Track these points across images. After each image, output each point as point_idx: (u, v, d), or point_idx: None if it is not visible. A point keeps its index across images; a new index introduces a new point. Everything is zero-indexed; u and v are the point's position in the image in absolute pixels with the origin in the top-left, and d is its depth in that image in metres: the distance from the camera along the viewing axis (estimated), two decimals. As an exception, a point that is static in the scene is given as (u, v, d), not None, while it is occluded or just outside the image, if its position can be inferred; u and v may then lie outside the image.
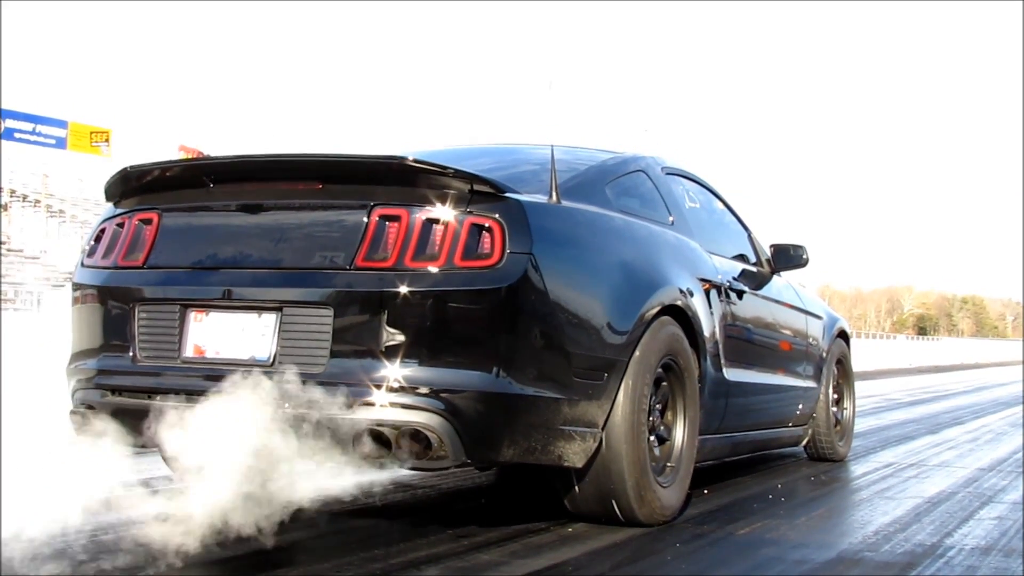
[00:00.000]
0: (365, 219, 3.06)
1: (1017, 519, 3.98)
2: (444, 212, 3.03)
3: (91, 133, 41.68)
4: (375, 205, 3.06)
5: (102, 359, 3.34)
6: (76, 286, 3.52)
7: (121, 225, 3.47)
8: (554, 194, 3.37)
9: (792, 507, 4.19)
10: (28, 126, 39.48)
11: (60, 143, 40.51)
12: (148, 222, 3.40)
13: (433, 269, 2.97)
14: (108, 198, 3.60)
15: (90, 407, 3.32)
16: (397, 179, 3.09)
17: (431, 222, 3.02)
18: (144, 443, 3.25)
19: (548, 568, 2.94)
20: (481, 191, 3.07)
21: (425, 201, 3.04)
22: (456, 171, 3.06)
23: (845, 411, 5.99)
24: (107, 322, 3.35)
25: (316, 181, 3.19)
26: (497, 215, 3.04)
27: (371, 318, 2.94)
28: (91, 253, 3.54)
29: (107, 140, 41.76)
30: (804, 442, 5.60)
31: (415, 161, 3.07)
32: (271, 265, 3.14)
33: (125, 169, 3.45)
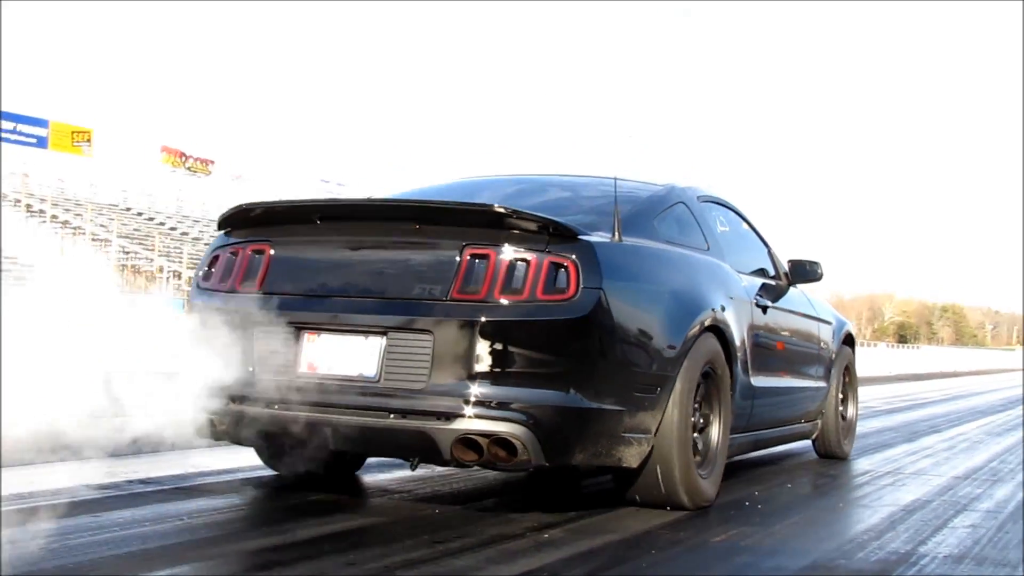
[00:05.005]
0: (458, 257, 3.50)
1: (990, 527, 4.01)
2: (527, 252, 3.47)
3: (72, 132, 41.43)
4: (466, 245, 3.50)
5: (226, 372, 3.62)
6: (193, 306, 3.89)
7: (235, 253, 3.88)
8: (617, 233, 3.82)
9: (768, 514, 4.22)
10: (9, 125, 39.21)
11: (41, 142, 40.25)
12: (261, 252, 3.82)
13: (518, 301, 3.42)
14: (220, 227, 4.03)
15: (217, 415, 3.65)
16: (485, 222, 3.53)
17: (516, 260, 3.47)
18: (260, 447, 4.00)
19: (523, 574, 2.94)
20: (558, 233, 3.50)
21: (510, 241, 3.49)
22: (536, 217, 3.49)
23: (850, 411, 6.45)
24: (228, 339, 3.65)
25: (413, 222, 3.62)
26: (573, 256, 3.49)
27: (465, 343, 3.37)
28: (206, 277, 3.94)
29: (89, 140, 41.52)
30: (813, 436, 6.05)
31: (501, 208, 3.49)
32: (376, 295, 3.57)
33: (241, 205, 3.91)
